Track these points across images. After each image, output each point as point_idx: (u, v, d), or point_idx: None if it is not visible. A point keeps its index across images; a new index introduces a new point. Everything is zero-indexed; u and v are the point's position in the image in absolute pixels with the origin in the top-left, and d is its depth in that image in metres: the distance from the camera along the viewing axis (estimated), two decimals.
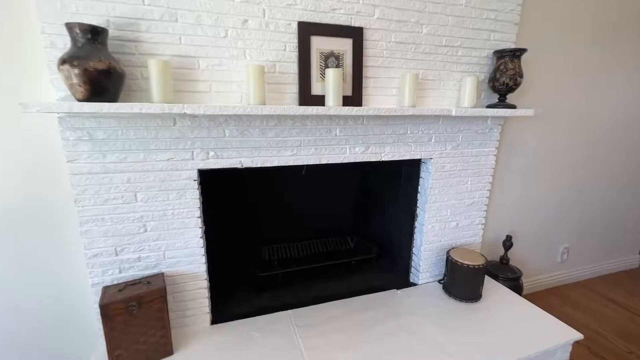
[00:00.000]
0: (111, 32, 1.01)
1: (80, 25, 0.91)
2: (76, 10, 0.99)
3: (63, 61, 0.91)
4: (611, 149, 2.17)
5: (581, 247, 2.31)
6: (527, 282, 2.17)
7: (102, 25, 0.98)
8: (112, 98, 0.99)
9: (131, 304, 1.11)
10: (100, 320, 1.13)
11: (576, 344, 1.66)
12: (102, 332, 1.21)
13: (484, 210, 1.78)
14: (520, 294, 1.80)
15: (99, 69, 0.93)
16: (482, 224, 1.80)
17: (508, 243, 1.84)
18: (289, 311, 1.50)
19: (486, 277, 1.82)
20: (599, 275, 2.45)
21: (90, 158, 1.10)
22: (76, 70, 0.91)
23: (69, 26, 0.92)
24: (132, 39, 1.06)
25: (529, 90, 1.77)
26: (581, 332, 1.41)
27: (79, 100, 0.95)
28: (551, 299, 2.13)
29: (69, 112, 0.97)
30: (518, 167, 1.90)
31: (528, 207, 2.02)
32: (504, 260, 1.86)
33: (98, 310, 1.13)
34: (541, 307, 1.54)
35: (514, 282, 1.81)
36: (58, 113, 1.00)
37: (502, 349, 1.30)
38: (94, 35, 0.93)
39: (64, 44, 0.99)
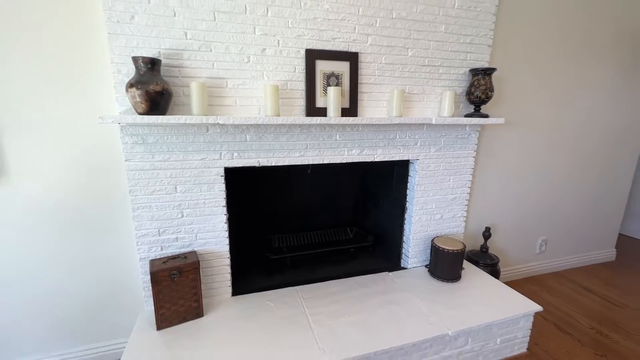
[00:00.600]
0: (162, 61, 1.32)
1: (143, 58, 1.22)
2: (136, 45, 1.30)
3: (130, 85, 1.22)
4: (584, 151, 2.42)
5: (559, 239, 2.56)
6: (508, 271, 2.43)
7: (155, 57, 1.29)
8: (163, 112, 1.30)
9: (173, 272, 1.41)
10: (150, 286, 1.44)
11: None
12: (147, 298, 1.52)
13: (465, 205, 2.05)
14: (497, 278, 2.07)
15: (156, 91, 1.23)
16: (464, 216, 2.07)
17: (487, 234, 2.11)
18: (297, 287, 1.79)
19: (468, 262, 2.09)
20: (577, 266, 2.69)
21: (143, 158, 1.40)
22: (140, 92, 1.21)
23: (135, 59, 1.22)
24: (177, 65, 1.36)
25: (505, 101, 2.04)
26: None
27: (140, 114, 1.26)
28: (530, 286, 2.39)
29: (132, 123, 1.28)
30: (497, 167, 2.17)
31: (507, 202, 2.28)
32: (484, 248, 2.13)
33: (148, 277, 1.43)
34: (520, 293, 1.81)
35: (492, 268, 2.08)
36: (120, 123, 1.31)
37: (475, 317, 1.57)
38: (152, 64, 1.24)
39: (127, 70, 1.30)
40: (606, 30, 2.19)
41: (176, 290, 1.44)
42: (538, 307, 1.64)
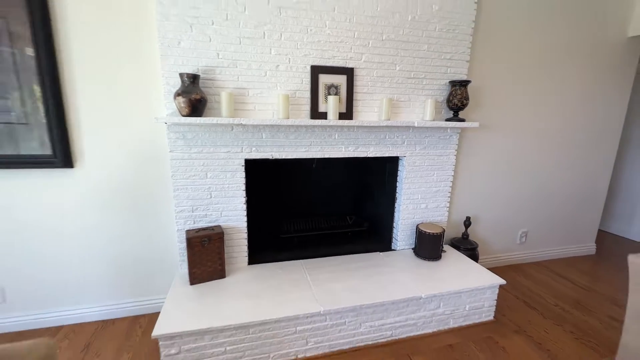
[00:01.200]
0: (200, 76, 1.72)
1: (187, 74, 1.62)
2: (181, 63, 1.70)
3: (177, 94, 1.62)
4: (561, 152, 2.70)
5: (539, 232, 2.83)
6: (490, 258, 2.73)
7: (196, 73, 1.69)
8: (200, 114, 1.70)
9: (204, 239, 1.80)
10: (185, 251, 1.84)
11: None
12: (181, 262, 1.92)
13: (448, 197, 2.37)
14: (476, 261, 2.38)
15: (196, 99, 1.63)
16: (447, 207, 2.39)
17: (467, 222, 2.42)
18: (301, 261, 2.15)
19: (450, 247, 2.42)
20: (557, 258, 2.95)
21: (182, 150, 1.81)
22: (184, 99, 1.62)
23: (181, 74, 1.63)
24: (210, 79, 1.76)
25: (484, 107, 2.36)
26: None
27: (183, 116, 1.66)
28: (510, 272, 2.67)
29: (177, 123, 1.68)
30: (478, 165, 2.48)
31: (488, 196, 2.59)
32: (465, 235, 2.44)
33: (184, 245, 1.83)
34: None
35: (472, 252, 2.39)
36: (167, 123, 1.71)
37: (446, 286, 1.89)
38: (193, 78, 1.64)
39: (174, 82, 1.70)
40: (582, 41, 2.48)
41: (205, 254, 1.83)
42: (502, 281, 1.96)
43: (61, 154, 1.71)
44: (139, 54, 1.73)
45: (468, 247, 2.40)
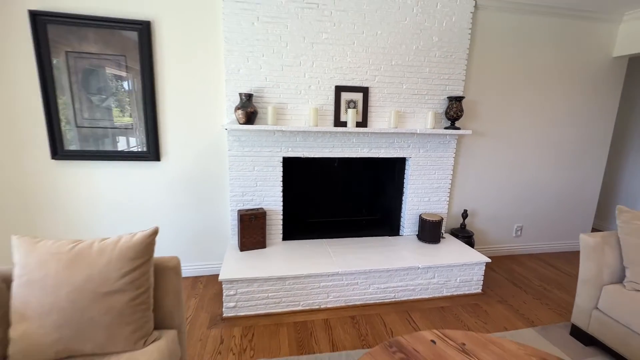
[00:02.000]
0: (253, 94, 2.32)
1: (245, 93, 2.22)
2: (241, 85, 2.32)
3: (237, 108, 2.23)
4: (552, 157, 3.08)
5: (533, 227, 3.21)
6: (487, 248, 3.13)
7: (250, 92, 2.30)
8: (252, 123, 2.29)
9: (252, 216, 2.39)
10: (237, 226, 2.43)
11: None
12: (232, 235, 2.51)
13: (448, 192, 2.84)
14: (472, 247, 2.81)
15: (250, 111, 2.23)
16: (447, 200, 2.85)
17: (464, 215, 2.86)
18: (324, 239, 2.69)
19: (449, 235, 2.87)
20: (551, 252, 3.30)
21: (237, 149, 2.41)
22: (242, 112, 2.22)
23: (240, 94, 2.24)
24: (260, 96, 2.36)
25: (480, 118, 2.82)
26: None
27: (240, 124, 2.26)
28: (505, 261, 3.07)
29: (236, 129, 2.29)
30: (474, 166, 2.92)
31: (485, 193, 3.01)
32: (462, 225, 2.89)
33: (236, 222, 2.43)
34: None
35: (468, 239, 2.82)
36: (227, 129, 2.31)
37: (440, 260, 2.36)
38: (249, 97, 2.25)
39: (234, 99, 2.32)
40: (569, 61, 2.88)
41: (252, 228, 2.42)
42: (487, 259, 2.40)
43: (153, 151, 2.37)
44: (209, 79, 2.36)
45: (465, 235, 2.84)
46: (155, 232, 1.27)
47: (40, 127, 2.20)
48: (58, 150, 2.24)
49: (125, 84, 2.26)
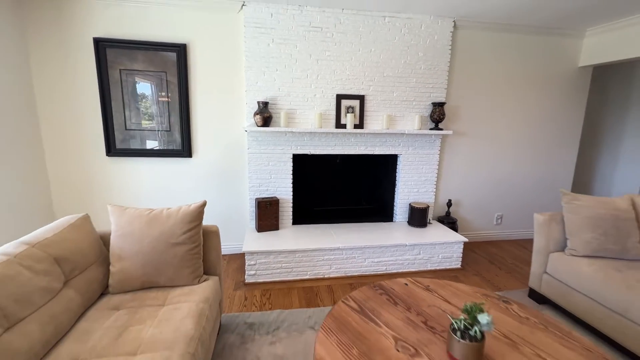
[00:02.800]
0: (269, 102, 2.82)
1: (262, 101, 2.72)
2: (258, 95, 2.82)
3: (255, 113, 2.73)
4: (528, 154, 3.52)
5: (511, 216, 3.64)
6: (471, 234, 3.57)
7: (266, 100, 2.80)
8: (267, 126, 2.79)
9: (267, 203, 2.88)
10: (255, 212, 2.92)
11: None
12: (250, 220, 3.00)
13: (434, 184, 3.29)
14: (456, 231, 3.25)
15: (266, 116, 2.73)
16: (434, 192, 3.31)
17: (449, 204, 3.31)
18: (328, 224, 3.17)
19: (435, 221, 3.32)
20: (527, 237, 3.72)
21: (255, 148, 2.91)
22: (259, 117, 2.72)
23: (258, 102, 2.74)
24: (274, 103, 2.86)
25: (461, 120, 3.27)
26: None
27: (258, 127, 2.76)
28: (485, 245, 3.50)
29: (255, 131, 2.79)
30: (458, 161, 3.38)
31: (468, 185, 3.46)
32: (447, 213, 3.34)
33: (254, 208, 2.92)
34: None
35: (452, 225, 3.27)
36: (247, 131, 2.81)
37: (424, 239, 2.82)
38: (265, 104, 2.74)
39: (253, 106, 2.82)
40: (539, 70, 3.33)
41: (267, 213, 2.90)
42: (465, 239, 2.85)
43: (186, 149, 2.87)
44: (232, 90, 2.87)
45: (449, 221, 3.29)
46: (204, 204, 1.76)
47: (98, 130, 2.73)
48: (111, 149, 2.77)
49: (165, 95, 2.78)
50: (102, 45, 2.59)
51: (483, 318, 1.14)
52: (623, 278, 1.84)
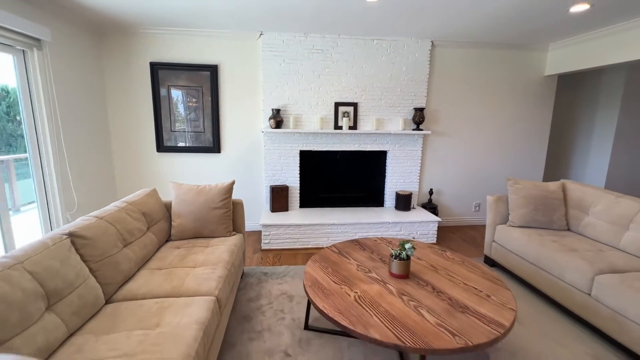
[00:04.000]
0: (280, 109, 3.57)
1: (275, 109, 3.48)
2: (272, 103, 3.57)
3: (270, 118, 3.49)
4: (501, 150, 4.10)
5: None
6: (452, 219, 4.19)
7: (279, 108, 3.55)
8: (280, 128, 3.54)
9: (279, 190, 3.62)
10: (269, 196, 3.68)
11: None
12: (266, 203, 3.77)
13: (418, 176, 3.94)
14: (436, 215, 3.88)
15: (279, 120, 3.48)
16: (417, 182, 3.96)
17: (430, 192, 3.95)
18: (329, 208, 3.88)
19: (419, 207, 3.97)
20: None
21: (270, 145, 3.66)
22: (273, 120, 3.47)
23: (272, 109, 3.49)
24: (284, 110, 3.61)
25: (440, 121, 3.91)
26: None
27: (272, 129, 3.51)
28: (465, 229, 4.10)
29: (270, 132, 3.54)
30: (438, 156, 4.01)
31: (448, 176, 4.09)
32: (429, 200, 3.97)
33: (269, 193, 3.67)
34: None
35: (433, 210, 3.90)
36: (263, 131, 3.57)
37: (406, 219, 3.48)
38: (278, 110, 3.50)
39: (268, 112, 3.58)
40: (508, 79, 3.92)
41: (279, 197, 3.65)
42: (438, 219, 3.49)
43: (216, 146, 3.67)
44: (252, 99, 3.64)
45: (431, 207, 3.93)
46: (233, 182, 2.52)
47: (151, 132, 3.57)
48: (160, 146, 3.60)
49: (200, 104, 3.58)
50: (155, 68, 3.42)
51: (407, 246, 1.83)
52: (540, 240, 2.45)
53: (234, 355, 1.81)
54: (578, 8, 2.60)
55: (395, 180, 3.93)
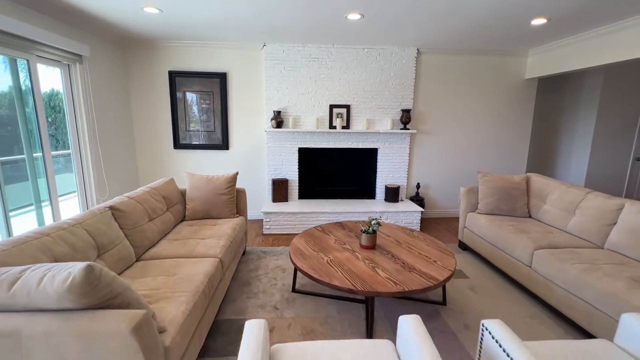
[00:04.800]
0: (281, 111, 4.03)
1: (276, 110, 3.95)
2: (274, 105, 4.05)
3: (272, 119, 3.96)
4: (483, 149, 4.45)
5: None
6: (439, 211, 4.56)
7: (279, 110, 4.02)
8: (280, 127, 4.00)
9: (280, 182, 4.09)
10: (271, 187, 4.16)
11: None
12: (268, 194, 4.24)
13: (406, 171, 4.34)
14: (423, 207, 4.27)
15: (279, 121, 3.95)
16: (406, 177, 4.35)
17: (418, 186, 4.33)
18: (325, 199, 4.32)
19: (407, 200, 4.36)
20: None
21: (272, 143, 4.13)
22: (274, 121, 3.94)
23: (274, 111, 3.96)
24: (285, 111, 4.07)
25: (426, 121, 4.30)
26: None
27: (274, 128, 3.98)
28: (451, 220, 4.46)
29: (271, 131, 4.02)
30: (425, 153, 4.39)
31: (434, 172, 4.46)
32: (417, 193, 4.36)
33: (270, 185, 4.15)
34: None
35: (420, 202, 4.29)
36: (266, 131, 4.04)
37: (396, 209, 3.89)
38: (278, 112, 3.96)
39: (270, 113, 4.05)
40: (491, 82, 4.27)
41: (280, 189, 4.11)
42: (421, 209, 3.88)
43: (225, 144, 4.17)
44: (256, 103, 4.12)
45: (418, 199, 4.32)
46: (236, 173, 3.00)
47: (168, 131, 4.10)
48: (176, 144, 4.12)
49: (211, 107, 4.08)
50: (173, 75, 3.95)
51: (373, 222, 2.26)
52: (499, 224, 2.83)
53: (234, 307, 2.28)
54: (538, 21, 2.95)
55: (385, 175, 4.34)
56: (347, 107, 4.10)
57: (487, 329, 1.26)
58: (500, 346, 1.16)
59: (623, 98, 4.23)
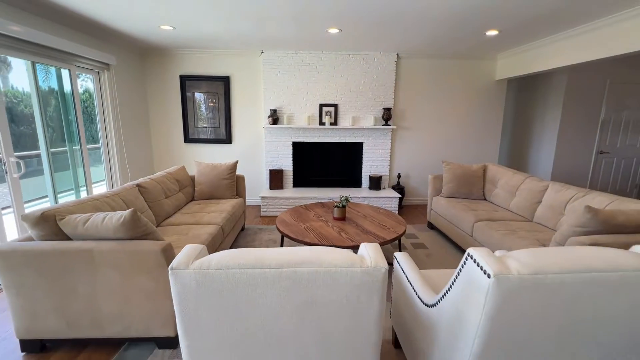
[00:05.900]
0: (277, 109, 4.62)
1: (273, 109, 4.53)
2: (271, 104, 4.63)
3: (269, 116, 4.54)
4: (458, 142, 4.96)
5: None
6: (419, 199, 5.09)
7: (275, 108, 4.60)
8: (276, 123, 4.58)
9: (276, 172, 4.68)
10: (268, 177, 4.76)
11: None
12: (265, 182, 4.85)
13: (388, 162, 4.88)
14: (403, 196, 4.80)
15: (275, 118, 4.53)
16: (388, 168, 4.89)
17: (398, 176, 4.87)
18: (316, 187, 4.89)
19: (389, 188, 4.91)
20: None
21: (269, 137, 4.72)
22: (271, 118, 4.53)
23: (270, 109, 4.55)
24: (280, 110, 4.65)
25: (407, 118, 4.83)
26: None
27: (270, 125, 4.57)
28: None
29: (269, 127, 4.60)
30: (406, 147, 4.92)
31: (414, 163, 4.99)
32: (397, 182, 4.90)
33: (268, 174, 4.75)
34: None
35: (401, 190, 4.83)
36: (264, 127, 4.62)
37: (375, 195, 4.44)
38: (274, 110, 4.54)
39: (268, 111, 4.64)
40: (465, 82, 4.77)
41: (276, 178, 4.70)
42: (399, 195, 4.42)
43: (228, 139, 4.77)
44: (255, 102, 4.71)
45: (399, 187, 4.86)
46: (236, 162, 3.59)
47: (179, 128, 4.72)
48: (186, 138, 4.74)
49: (216, 106, 4.69)
50: (183, 79, 4.56)
51: (343, 199, 2.83)
52: (455, 205, 3.36)
53: None
54: (491, 33, 3.47)
55: (369, 166, 4.89)
56: (335, 105, 4.66)
57: (396, 259, 1.82)
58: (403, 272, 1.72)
59: (585, 96, 4.70)
